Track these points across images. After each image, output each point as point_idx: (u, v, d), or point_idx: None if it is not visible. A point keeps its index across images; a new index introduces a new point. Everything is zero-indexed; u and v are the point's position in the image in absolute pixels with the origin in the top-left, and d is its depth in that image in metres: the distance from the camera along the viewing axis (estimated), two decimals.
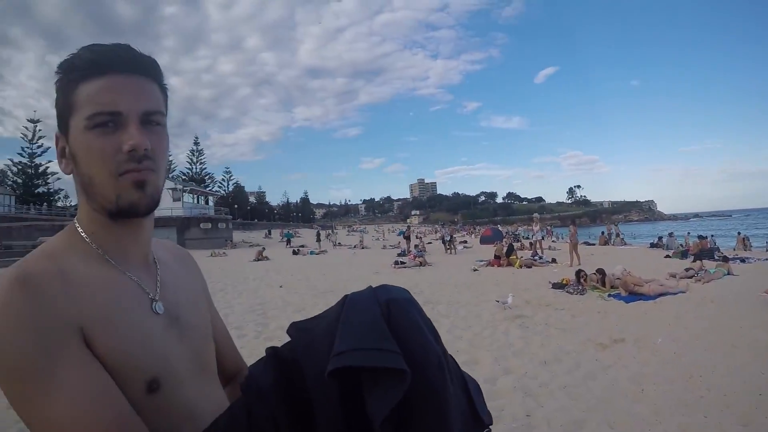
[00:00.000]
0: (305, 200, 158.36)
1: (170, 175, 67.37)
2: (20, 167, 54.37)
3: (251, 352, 4.83)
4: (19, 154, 54.11)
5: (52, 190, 56.83)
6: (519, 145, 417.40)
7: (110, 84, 0.69)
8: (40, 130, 54.73)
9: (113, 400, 0.62)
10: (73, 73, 0.70)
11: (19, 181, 54.00)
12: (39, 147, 54.48)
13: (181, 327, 0.79)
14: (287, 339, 0.71)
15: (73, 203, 62.26)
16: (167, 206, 39.29)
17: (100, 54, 0.70)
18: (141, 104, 0.71)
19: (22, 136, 54.04)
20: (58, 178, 56.81)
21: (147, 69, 0.74)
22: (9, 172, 55.45)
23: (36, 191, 53.59)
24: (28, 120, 55.59)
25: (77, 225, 0.75)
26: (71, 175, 0.74)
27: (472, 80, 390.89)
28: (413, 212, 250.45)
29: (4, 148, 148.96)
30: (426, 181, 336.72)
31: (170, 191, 41.59)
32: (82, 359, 0.62)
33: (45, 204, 48.59)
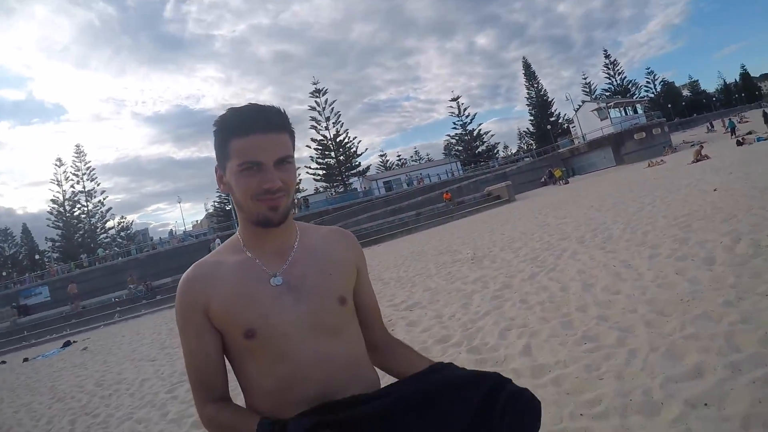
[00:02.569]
0: (745, 75, 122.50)
1: (592, 96, 66.30)
2: (458, 137, 67.52)
3: (658, 275, 4.73)
4: (453, 128, 67.48)
5: (490, 146, 68.14)
6: None
7: (252, 142, 0.96)
8: (462, 103, 66.51)
9: (201, 359, 1.04)
10: (226, 132, 0.99)
11: (460, 148, 67.38)
12: (467, 116, 66.23)
13: (299, 293, 1.04)
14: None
15: (512, 151, 75.40)
16: (596, 127, 38.61)
17: (243, 119, 0.98)
18: (276, 154, 0.98)
19: (451, 113, 67.13)
20: (493, 135, 68.35)
21: (278, 126, 1.00)
22: (452, 143, 70.22)
23: (477, 151, 65.31)
24: (450, 100, 68.06)
25: (238, 230, 1.12)
26: (227, 194, 1.09)
27: None
28: None
29: (443, 127, 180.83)
30: None
31: (595, 112, 40.58)
32: (197, 328, 1.03)
33: (487, 159, 59.25)
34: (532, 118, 70.08)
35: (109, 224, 56.75)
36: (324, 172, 56.75)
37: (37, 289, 31.88)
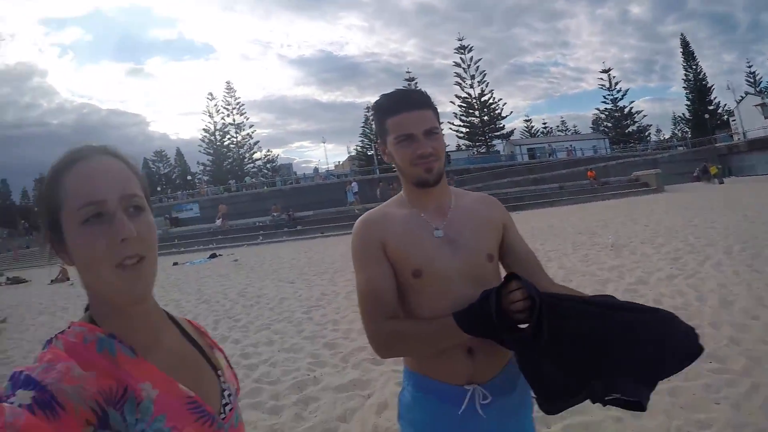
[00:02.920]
0: None
1: (756, 89, 55.14)
2: (607, 113, 60.77)
3: None
4: (602, 102, 60.65)
5: (641, 127, 60.96)
6: None
7: (403, 119, 1.22)
8: (614, 76, 59.53)
9: (381, 282, 1.21)
10: (381, 112, 1.27)
11: (609, 124, 60.62)
12: (618, 91, 59.29)
13: (456, 246, 1.24)
14: None
15: (665, 136, 66.76)
16: (759, 125, 34.00)
17: (394, 101, 1.25)
18: (423, 126, 1.21)
19: (600, 86, 60.24)
20: (645, 116, 60.91)
21: (422, 103, 1.25)
22: (601, 119, 63.25)
23: (626, 131, 58.86)
24: (601, 72, 61.01)
25: (402, 190, 1.35)
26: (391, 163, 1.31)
27: None
28: None
29: (592, 100, 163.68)
30: None
31: (758, 108, 35.34)
32: (377, 258, 1.23)
33: (637, 141, 53.90)
34: (688, 103, 60.79)
35: (257, 155, 60.48)
36: (467, 130, 55.70)
37: (188, 206, 34.42)
